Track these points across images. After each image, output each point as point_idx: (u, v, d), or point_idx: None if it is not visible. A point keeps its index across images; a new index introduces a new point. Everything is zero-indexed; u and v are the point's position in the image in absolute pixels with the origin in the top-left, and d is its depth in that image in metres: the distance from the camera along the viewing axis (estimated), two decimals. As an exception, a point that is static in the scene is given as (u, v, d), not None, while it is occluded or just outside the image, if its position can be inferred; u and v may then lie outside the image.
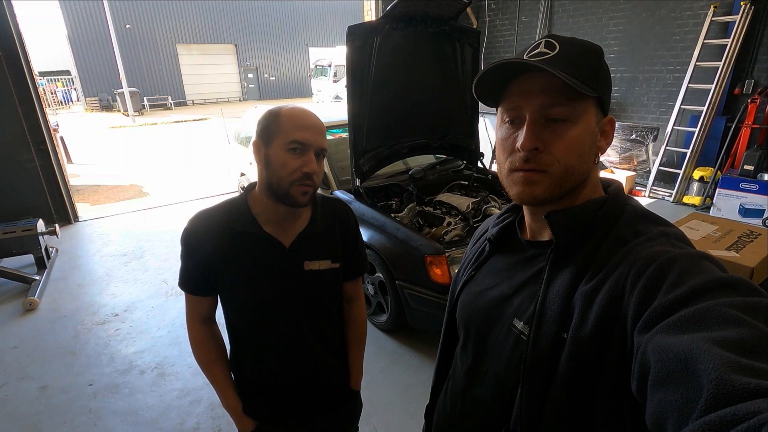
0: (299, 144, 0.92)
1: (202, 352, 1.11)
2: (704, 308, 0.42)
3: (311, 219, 1.05)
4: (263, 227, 1.00)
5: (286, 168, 0.93)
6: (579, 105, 0.58)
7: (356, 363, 1.25)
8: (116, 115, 17.40)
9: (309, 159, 0.93)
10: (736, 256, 1.98)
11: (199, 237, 1.00)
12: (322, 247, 1.06)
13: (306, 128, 0.93)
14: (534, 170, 0.60)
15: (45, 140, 4.65)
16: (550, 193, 0.60)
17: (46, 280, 3.63)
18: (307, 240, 1.03)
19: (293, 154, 0.92)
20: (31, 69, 4.53)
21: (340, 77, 13.93)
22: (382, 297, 2.77)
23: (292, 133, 0.92)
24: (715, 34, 4.97)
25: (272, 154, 0.94)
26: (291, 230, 1.03)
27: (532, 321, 0.60)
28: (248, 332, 1.08)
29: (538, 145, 0.58)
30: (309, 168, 0.93)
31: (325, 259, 1.06)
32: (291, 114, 0.94)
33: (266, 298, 1.03)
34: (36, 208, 4.55)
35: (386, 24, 2.62)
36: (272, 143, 0.94)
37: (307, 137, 0.93)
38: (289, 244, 1.02)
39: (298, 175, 0.93)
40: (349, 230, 1.13)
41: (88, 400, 2.34)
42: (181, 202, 5.88)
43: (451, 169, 3.53)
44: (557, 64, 0.56)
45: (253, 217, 1.00)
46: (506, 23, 7.22)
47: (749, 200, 4.53)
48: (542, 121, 0.59)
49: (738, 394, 0.32)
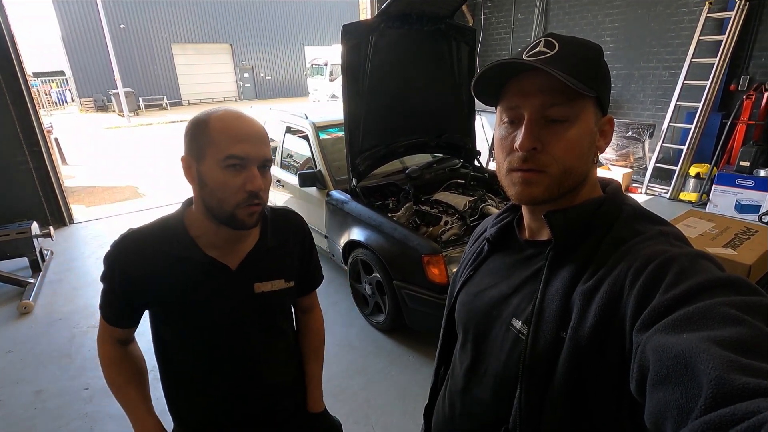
0: (238, 159, 0.78)
1: (114, 373, 0.95)
2: (703, 307, 0.42)
3: (261, 235, 0.94)
4: (204, 251, 0.87)
5: (225, 189, 0.79)
6: (578, 105, 0.58)
7: (313, 379, 1.12)
8: (111, 116, 17.31)
9: (252, 175, 0.80)
10: (733, 253, 1.98)
11: (128, 262, 0.86)
12: (274, 266, 0.95)
13: (243, 139, 0.79)
14: (532, 170, 0.60)
15: (38, 142, 4.62)
16: (548, 193, 0.60)
17: (41, 283, 3.61)
18: (257, 259, 0.92)
19: (232, 171, 0.79)
20: (23, 70, 4.49)
21: (336, 76, 13.90)
22: (380, 297, 2.76)
23: (227, 146, 0.78)
24: (710, 31, 4.98)
25: (206, 172, 0.80)
26: (238, 250, 0.91)
27: (531, 320, 0.60)
28: (191, 370, 0.95)
29: (536, 146, 0.58)
30: (253, 186, 0.80)
31: (278, 279, 0.95)
32: (222, 123, 0.79)
33: (213, 329, 0.91)
34: (30, 211, 4.51)
35: (381, 22, 2.61)
36: (204, 159, 0.80)
37: (246, 150, 0.79)
38: (236, 266, 0.90)
39: (242, 195, 0.80)
40: (305, 243, 1.03)
41: (83, 404, 2.32)
42: (177, 203, 5.79)
43: (448, 167, 3.52)
44: (556, 64, 0.56)
45: (191, 240, 0.87)
46: (502, 21, 7.21)
47: (745, 196, 4.55)
48: (541, 121, 0.59)
49: (737, 394, 0.32)
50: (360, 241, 2.71)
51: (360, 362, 2.58)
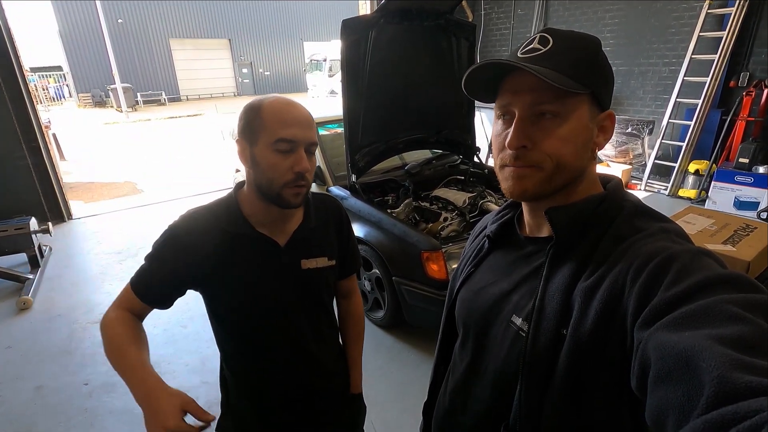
0: (287, 142, 0.85)
1: (119, 330, 0.87)
2: (705, 305, 0.41)
3: (305, 216, 1.00)
4: (256, 228, 0.94)
5: (275, 170, 0.86)
6: (569, 102, 0.58)
7: (356, 363, 1.20)
8: (109, 111, 17.25)
9: (299, 157, 0.86)
10: (732, 250, 1.98)
11: (189, 241, 0.91)
12: (318, 245, 1.02)
13: (292, 123, 0.85)
14: (525, 166, 0.60)
15: (36, 137, 4.60)
16: (540, 188, 0.61)
17: (40, 278, 3.60)
18: (303, 238, 0.99)
19: (282, 153, 0.85)
20: (21, 65, 4.47)
21: (335, 72, 13.85)
22: (379, 293, 2.77)
23: (277, 130, 0.84)
24: (710, 27, 4.96)
25: (258, 154, 0.86)
26: (285, 229, 0.98)
27: (531, 317, 0.60)
28: (244, 340, 1.01)
29: (526, 143, 0.59)
30: (301, 167, 0.86)
31: (321, 257, 1.02)
32: (273, 108, 0.86)
33: (265, 301, 0.97)
34: (29, 206, 4.49)
35: (381, 18, 2.59)
36: (257, 142, 0.86)
37: (295, 134, 0.85)
38: (284, 244, 0.97)
39: (290, 176, 0.86)
40: (342, 226, 1.09)
41: (83, 400, 2.32)
42: (176, 198, 5.84)
43: (448, 164, 3.52)
44: (548, 61, 0.57)
45: (244, 218, 0.94)
46: (502, 17, 7.18)
47: (744, 193, 4.55)
48: (532, 118, 0.59)
49: (740, 392, 0.32)
50: (359, 238, 2.70)
51: (359, 358, 2.58)
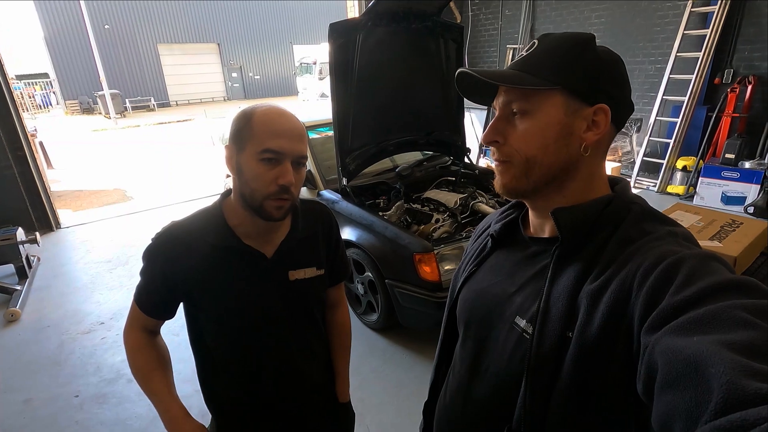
0: (273, 153, 0.82)
1: (140, 360, 0.97)
2: (714, 310, 0.41)
3: (292, 226, 0.99)
4: (242, 240, 0.92)
5: (259, 180, 0.84)
6: (535, 98, 0.60)
7: (342, 372, 1.19)
8: (98, 118, 17.06)
9: (285, 170, 0.84)
10: (719, 245, 2.01)
11: (173, 253, 0.90)
12: (306, 255, 1.01)
13: (281, 134, 0.83)
14: (500, 161, 0.64)
15: (22, 146, 4.54)
16: (517, 183, 0.63)
17: (28, 289, 3.55)
18: (290, 248, 0.97)
19: (267, 164, 0.83)
20: (5, 72, 4.40)
21: (325, 75, 13.84)
22: (372, 296, 2.76)
23: (265, 140, 0.82)
24: (694, 25, 5.04)
25: (244, 162, 0.85)
26: (272, 240, 0.96)
27: (536, 319, 0.59)
28: (228, 354, 0.99)
29: (498, 139, 0.63)
30: (285, 180, 0.84)
31: (310, 267, 1.00)
32: (265, 117, 0.84)
33: (251, 315, 0.95)
34: (15, 216, 4.43)
35: (369, 21, 2.59)
36: (245, 150, 0.84)
37: (282, 145, 0.83)
38: (271, 255, 0.95)
39: (273, 188, 0.84)
40: (332, 234, 1.08)
41: (74, 412, 2.29)
42: (166, 205, 5.79)
43: (438, 165, 3.52)
44: (525, 63, 0.61)
45: (230, 230, 0.92)
46: (490, 17, 7.23)
47: (731, 188, 4.62)
48: (508, 116, 0.63)
49: (749, 399, 0.32)
50: (351, 241, 2.70)
51: (354, 362, 2.53)
